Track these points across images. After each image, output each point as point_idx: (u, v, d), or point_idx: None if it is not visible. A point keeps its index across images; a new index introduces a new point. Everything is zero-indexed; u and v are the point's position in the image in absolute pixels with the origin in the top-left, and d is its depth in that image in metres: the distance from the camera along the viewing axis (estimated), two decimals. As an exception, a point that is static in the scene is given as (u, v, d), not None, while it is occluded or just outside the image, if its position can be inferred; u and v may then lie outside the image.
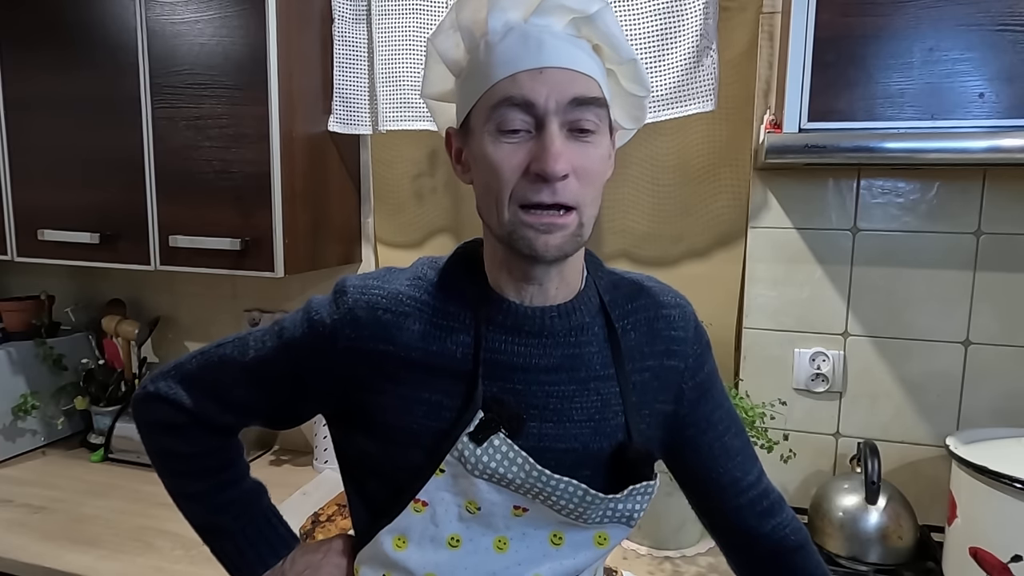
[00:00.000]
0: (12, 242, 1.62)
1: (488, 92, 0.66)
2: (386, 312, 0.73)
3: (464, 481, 0.72)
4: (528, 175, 0.65)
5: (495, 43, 0.67)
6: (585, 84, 0.66)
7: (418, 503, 0.73)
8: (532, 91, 0.64)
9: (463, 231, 1.61)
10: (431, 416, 0.72)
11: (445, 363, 0.73)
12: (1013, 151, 0.97)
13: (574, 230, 0.67)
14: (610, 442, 0.75)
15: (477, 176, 0.70)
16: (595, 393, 0.75)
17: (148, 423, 0.84)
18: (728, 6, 1.33)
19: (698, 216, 1.44)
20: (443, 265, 0.78)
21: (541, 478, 0.71)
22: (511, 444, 0.70)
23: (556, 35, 0.66)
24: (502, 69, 0.65)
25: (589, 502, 0.72)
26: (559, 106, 0.65)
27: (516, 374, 0.73)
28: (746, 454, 0.85)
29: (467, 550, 0.75)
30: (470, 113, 0.69)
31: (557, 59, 0.65)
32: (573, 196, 0.66)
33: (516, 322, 0.73)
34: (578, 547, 0.76)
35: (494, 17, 0.67)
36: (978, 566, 1.07)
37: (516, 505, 0.73)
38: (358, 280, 0.77)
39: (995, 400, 1.31)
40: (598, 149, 0.68)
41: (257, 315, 1.82)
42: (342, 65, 1.54)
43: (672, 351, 0.79)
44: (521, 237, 0.67)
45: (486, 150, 0.67)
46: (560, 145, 0.64)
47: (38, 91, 1.54)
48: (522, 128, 0.65)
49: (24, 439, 1.76)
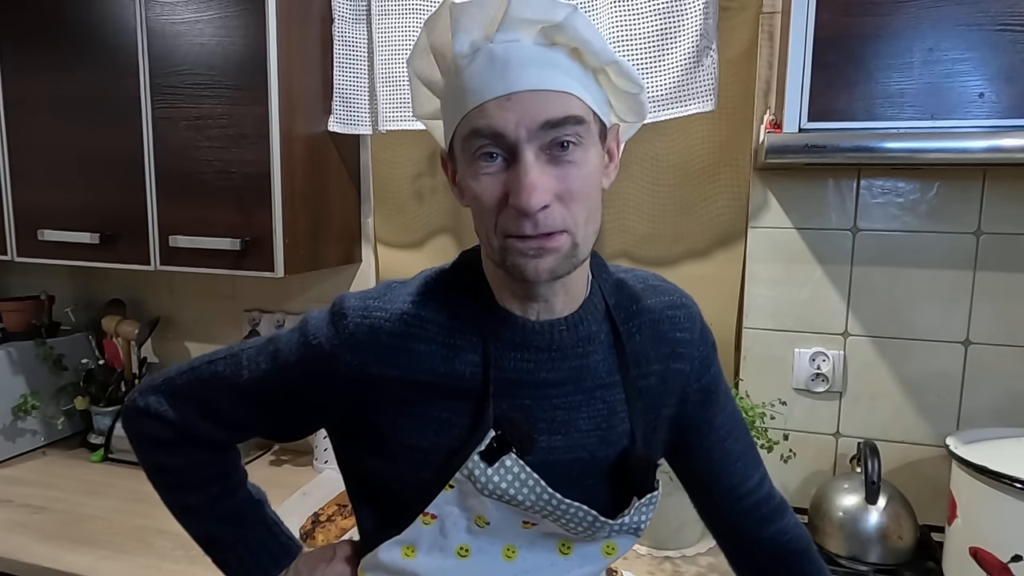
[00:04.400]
0: (12, 242, 1.62)
1: (461, 122, 0.64)
2: (391, 336, 0.70)
3: (473, 499, 0.71)
4: (508, 208, 0.62)
5: (464, 67, 0.64)
6: (559, 103, 0.62)
7: (427, 516, 0.72)
8: (500, 120, 0.61)
9: (463, 231, 1.61)
10: (441, 434, 0.71)
11: (454, 383, 0.71)
12: (1013, 151, 0.97)
13: (567, 251, 0.64)
14: (616, 449, 0.74)
15: (468, 203, 0.68)
16: (601, 401, 0.73)
17: (138, 437, 0.82)
18: (728, 6, 1.33)
19: (698, 216, 1.44)
20: (447, 279, 0.75)
21: (552, 501, 0.69)
22: (523, 465, 0.69)
23: (525, 51, 0.62)
24: (471, 98, 0.62)
25: (599, 527, 0.71)
26: (530, 132, 0.61)
27: (524, 390, 0.71)
28: (748, 458, 0.84)
29: (476, 559, 0.74)
30: (452, 139, 0.67)
31: (525, 82, 0.61)
32: (560, 221, 0.62)
33: (525, 338, 0.71)
34: (586, 557, 0.76)
35: (459, 40, 0.63)
36: (978, 566, 1.07)
37: (525, 520, 0.73)
38: (357, 301, 0.73)
39: (995, 400, 1.31)
40: (583, 167, 0.63)
41: (257, 315, 1.82)
42: (342, 65, 1.54)
43: (678, 353, 0.77)
44: (513, 264, 0.64)
45: (467, 181, 0.65)
46: (535, 176, 0.60)
47: (38, 91, 1.54)
48: (498, 155, 0.62)
49: (24, 439, 1.76)
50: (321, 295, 1.77)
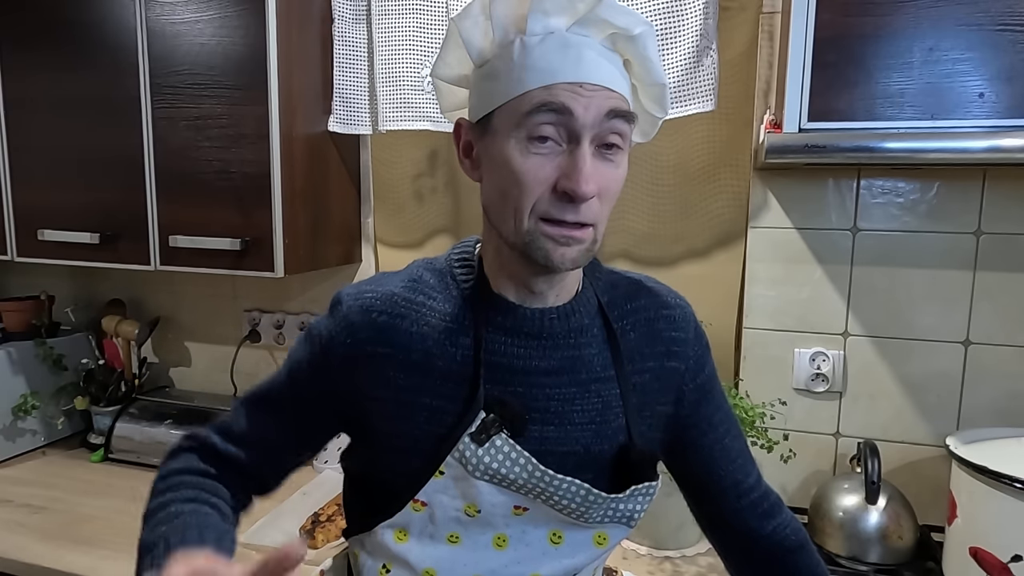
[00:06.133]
0: (12, 242, 1.62)
1: (521, 97, 0.64)
2: (381, 314, 0.73)
3: (464, 484, 0.72)
4: (555, 191, 0.64)
5: (532, 46, 0.64)
6: (619, 101, 0.65)
7: (417, 503, 0.73)
8: (571, 100, 0.63)
9: (463, 231, 1.61)
10: (432, 421, 0.72)
11: (445, 365, 0.72)
12: (1013, 151, 0.97)
13: (588, 245, 0.67)
14: (611, 444, 0.75)
15: (492, 179, 0.69)
16: (596, 395, 0.74)
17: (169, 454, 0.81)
18: (728, 6, 1.33)
19: (698, 216, 1.44)
20: (440, 266, 0.77)
21: (544, 478, 0.70)
22: (513, 444, 0.70)
23: (594, 47, 0.65)
24: (539, 76, 0.63)
25: (591, 502, 0.72)
26: (596, 119, 0.63)
27: (517, 377, 0.72)
28: (745, 456, 0.85)
29: (466, 546, 0.75)
30: (493, 112, 0.67)
31: (596, 75, 0.64)
32: (594, 215, 0.66)
33: (515, 323, 0.73)
34: (577, 546, 0.76)
35: (535, 19, 0.64)
36: (978, 566, 1.07)
37: (517, 505, 0.73)
38: (352, 288, 0.76)
39: (995, 400, 1.31)
40: (619, 169, 0.67)
41: (257, 315, 1.82)
42: (342, 65, 1.54)
43: (673, 352, 0.78)
44: (539, 248, 0.66)
45: (510, 157, 0.65)
46: (591, 165, 0.63)
47: (38, 91, 1.54)
48: (553, 138, 0.64)
49: (24, 439, 1.76)
50: (321, 295, 1.77)
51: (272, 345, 1.82)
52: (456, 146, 0.74)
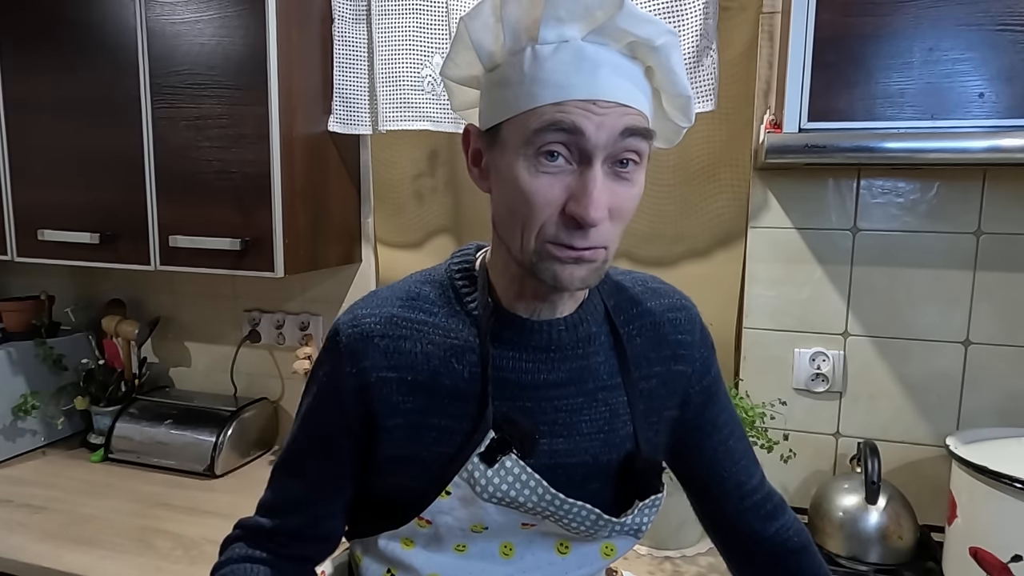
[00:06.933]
0: (12, 242, 1.62)
1: (531, 112, 0.60)
2: (383, 338, 0.70)
3: (472, 506, 0.70)
4: (563, 214, 0.61)
5: (544, 56, 0.60)
6: (638, 119, 0.61)
7: (422, 520, 0.72)
8: (583, 119, 0.59)
9: (463, 231, 1.61)
10: (441, 442, 0.70)
11: (452, 384, 0.70)
12: (1013, 151, 0.97)
13: (599, 265, 0.64)
14: (619, 452, 0.74)
15: (501, 194, 0.65)
16: (603, 404, 0.73)
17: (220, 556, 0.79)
18: (728, 6, 1.33)
19: (698, 216, 1.44)
20: (439, 278, 0.75)
21: (555, 502, 0.69)
22: (523, 466, 0.68)
23: (611, 58, 0.61)
24: (550, 92, 0.59)
25: (602, 525, 0.71)
26: (610, 139, 0.60)
27: (525, 391, 0.71)
28: (749, 457, 0.84)
29: (473, 555, 0.74)
30: (502, 124, 0.64)
31: (612, 91, 0.60)
32: (604, 238, 0.62)
33: (523, 337, 0.70)
34: (584, 557, 0.76)
35: (548, 26, 0.60)
36: (978, 566, 1.07)
37: (524, 523, 0.72)
38: (347, 316, 0.73)
39: (995, 400, 1.31)
40: (634, 188, 0.63)
41: (257, 315, 1.82)
42: (342, 65, 1.54)
43: (679, 355, 0.77)
44: (546, 268, 0.63)
45: (518, 175, 0.61)
46: (602, 188, 0.60)
47: (38, 91, 1.54)
48: (563, 155, 0.60)
49: (24, 439, 1.76)
50: (321, 295, 1.77)
51: (272, 345, 1.82)
52: (465, 153, 0.71)
